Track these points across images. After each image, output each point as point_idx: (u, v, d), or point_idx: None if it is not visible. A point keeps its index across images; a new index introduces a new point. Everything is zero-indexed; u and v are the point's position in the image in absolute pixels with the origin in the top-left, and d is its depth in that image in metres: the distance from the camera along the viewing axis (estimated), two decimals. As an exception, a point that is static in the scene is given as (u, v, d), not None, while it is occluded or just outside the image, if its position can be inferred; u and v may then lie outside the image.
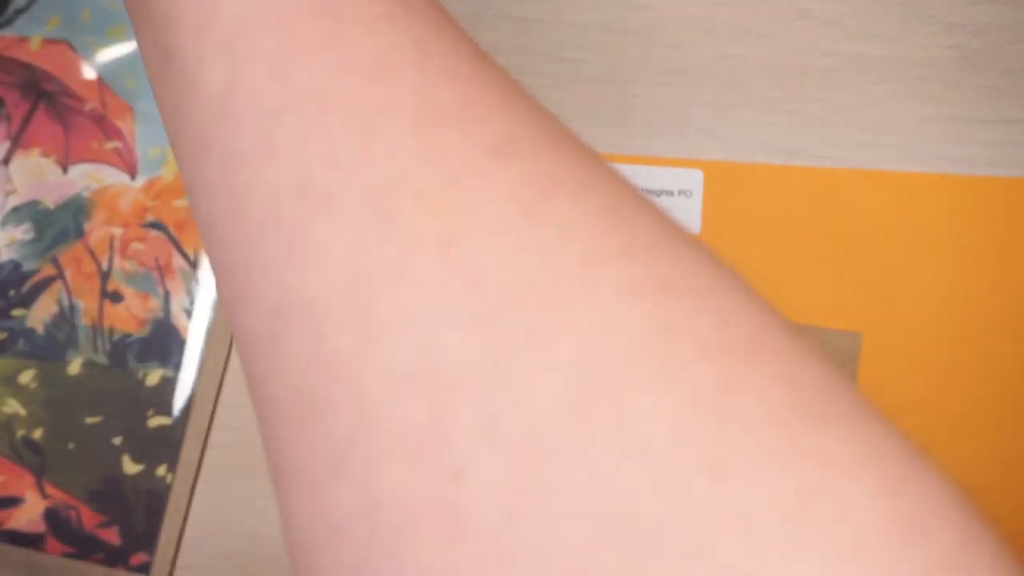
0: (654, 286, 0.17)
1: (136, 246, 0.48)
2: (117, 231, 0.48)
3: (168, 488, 0.47)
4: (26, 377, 0.48)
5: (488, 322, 0.16)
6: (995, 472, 0.49)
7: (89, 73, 0.49)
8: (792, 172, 0.49)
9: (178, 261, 0.48)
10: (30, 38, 0.49)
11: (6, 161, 0.48)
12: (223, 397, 0.49)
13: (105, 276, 0.48)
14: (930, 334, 0.49)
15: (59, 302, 0.48)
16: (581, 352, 0.16)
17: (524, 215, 0.17)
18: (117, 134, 0.48)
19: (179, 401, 0.48)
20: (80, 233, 0.48)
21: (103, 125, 0.48)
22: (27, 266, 0.48)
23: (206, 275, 0.48)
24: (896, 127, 0.50)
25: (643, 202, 0.18)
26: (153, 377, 0.48)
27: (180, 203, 0.48)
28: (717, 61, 0.50)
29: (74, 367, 0.48)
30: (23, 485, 0.47)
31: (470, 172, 0.17)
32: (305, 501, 0.17)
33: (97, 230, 0.48)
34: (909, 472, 0.16)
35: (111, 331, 0.48)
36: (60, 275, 0.48)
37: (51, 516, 0.47)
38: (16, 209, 0.48)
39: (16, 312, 0.48)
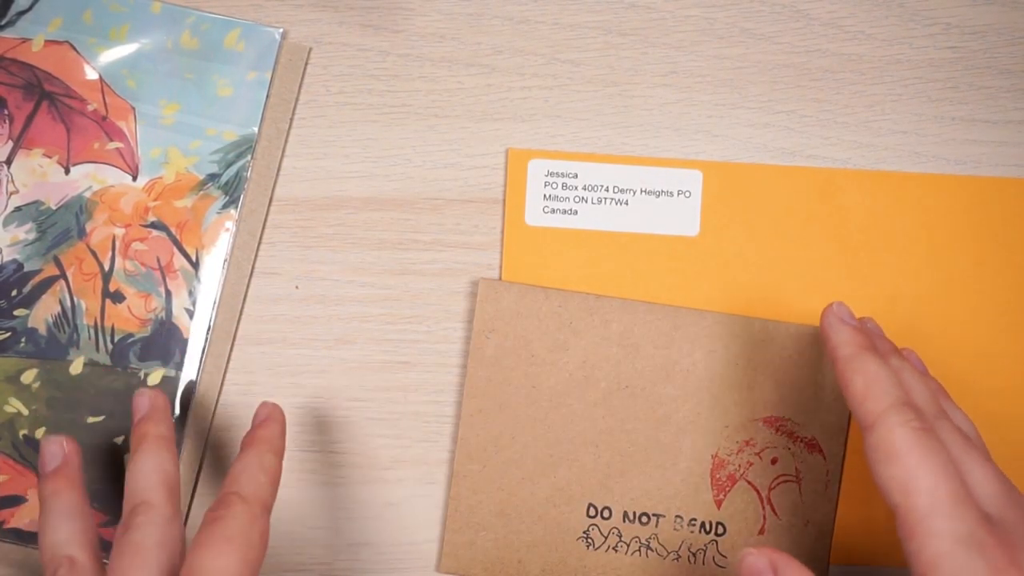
0: None
1: (138, 246, 0.48)
2: (119, 231, 0.48)
3: (169, 487, 0.48)
4: (28, 376, 0.48)
5: None
6: (994, 471, 0.49)
7: (91, 74, 0.49)
8: (791, 172, 0.50)
9: (179, 261, 0.48)
10: (32, 39, 0.49)
11: (8, 161, 0.48)
12: (224, 397, 0.49)
13: (107, 276, 0.48)
14: (930, 334, 0.49)
15: (61, 302, 0.48)
16: None
17: None
18: (119, 135, 0.49)
19: (180, 401, 0.48)
20: (82, 233, 0.48)
21: (105, 126, 0.49)
22: (29, 266, 0.48)
23: (207, 275, 0.48)
24: (895, 127, 0.50)
25: None
26: (155, 377, 0.48)
27: (181, 203, 0.48)
28: (716, 61, 0.50)
29: (76, 366, 0.48)
30: (25, 484, 0.48)
31: None
32: None
33: (99, 230, 0.48)
34: None
35: (113, 331, 0.48)
36: (62, 275, 0.48)
37: (53, 515, 0.47)
38: (18, 209, 0.48)
39: (18, 312, 0.48)
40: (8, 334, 0.48)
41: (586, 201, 0.49)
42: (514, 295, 0.48)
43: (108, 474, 0.47)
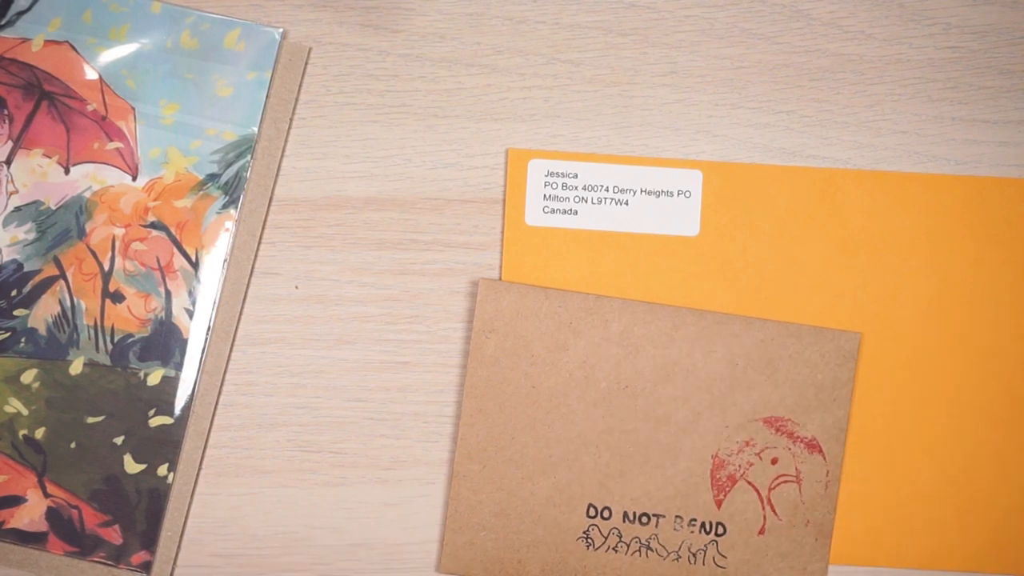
0: None
1: (137, 246, 0.48)
2: (119, 231, 0.48)
3: (169, 488, 0.48)
4: (28, 377, 0.48)
5: None
6: (993, 471, 0.49)
7: (91, 74, 0.49)
8: (791, 172, 0.50)
9: (179, 261, 0.48)
10: (32, 39, 0.49)
11: (8, 161, 0.49)
12: (224, 397, 0.49)
13: (107, 276, 0.48)
14: (930, 334, 0.49)
15: (61, 302, 0.48)
16: None
17: None
18: (119, 135, 0.49)
19: (180, 401, 0.48)
20: (82, 233, 0.48)
21: (105, 126, 0.49)
22: (29, 266, 0.48)
23: (207, 275, 0.48)
24: (895, 127, 0.50)
25: None
26: (154, 377, 0.48)
27: (181, 203, 0.48)
28: (716, 61, 0.50)
29: (76, 367, 0.48)
30: (25, 484, 0.48)
31: None
32: None
33: (99, 230, 0.48)
34: None
35: (112, 331, 0.48)
36: (62, 275, 0.48)
37: (53, 515, 0.47)
38: (18, 209, 0.48)
39: (18, 312, 0.48)
40: (8, 334, 0.48)
41: (586, 201, 0.49)
42: (514, 295, 0.48)
43: (108, 474, 0.47)
